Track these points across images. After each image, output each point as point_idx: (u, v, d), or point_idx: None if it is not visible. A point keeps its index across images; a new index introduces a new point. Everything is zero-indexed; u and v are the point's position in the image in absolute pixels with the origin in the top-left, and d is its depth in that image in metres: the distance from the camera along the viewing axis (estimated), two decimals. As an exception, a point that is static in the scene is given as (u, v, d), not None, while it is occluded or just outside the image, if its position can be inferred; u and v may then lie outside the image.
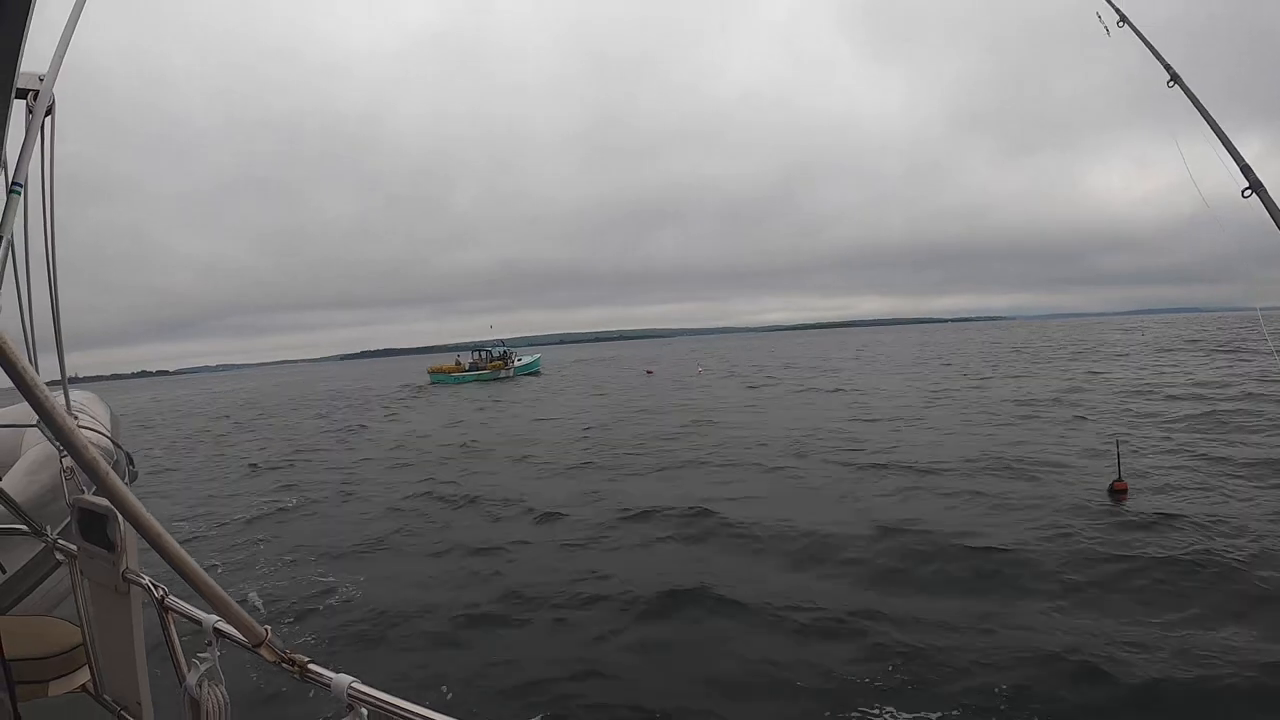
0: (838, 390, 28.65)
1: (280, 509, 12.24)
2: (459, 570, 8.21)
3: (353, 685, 1.40)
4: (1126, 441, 11.46)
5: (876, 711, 4.81)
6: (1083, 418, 16.66)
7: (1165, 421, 15.54)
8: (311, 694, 1.73)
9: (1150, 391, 21.24)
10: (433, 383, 54.74)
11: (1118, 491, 9.54)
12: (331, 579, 8.05)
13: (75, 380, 2.90)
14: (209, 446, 23.46)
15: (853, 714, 4.80)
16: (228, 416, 37.45)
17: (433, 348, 67.32)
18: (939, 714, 4.72)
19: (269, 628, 1.55)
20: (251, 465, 17.89)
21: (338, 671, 1.46)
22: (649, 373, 52.82)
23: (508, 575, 7.88)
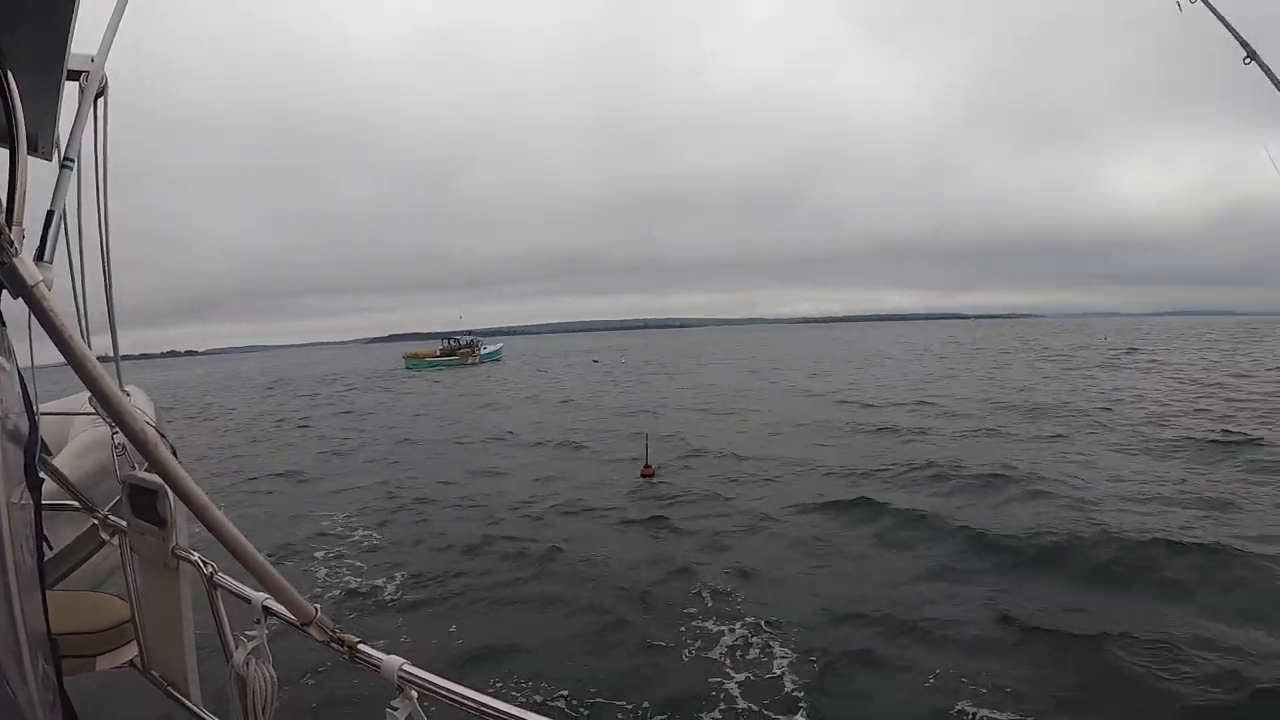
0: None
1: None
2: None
3: (403, 667, 1.41)
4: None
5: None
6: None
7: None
8: (361, 674, 1.35)
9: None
10: (407, 368, 60.52)
11: (645, 475, 12.57)
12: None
13: (109, 359, 2.64)
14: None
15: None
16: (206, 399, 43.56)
17: (455, 331, 73.19)
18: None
19: (318, 606, 1.57)
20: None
21: (388, 653, 1.47)
22: (595, 362, 58.54)
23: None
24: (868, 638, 5.96)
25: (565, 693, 5.27)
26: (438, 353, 63.53)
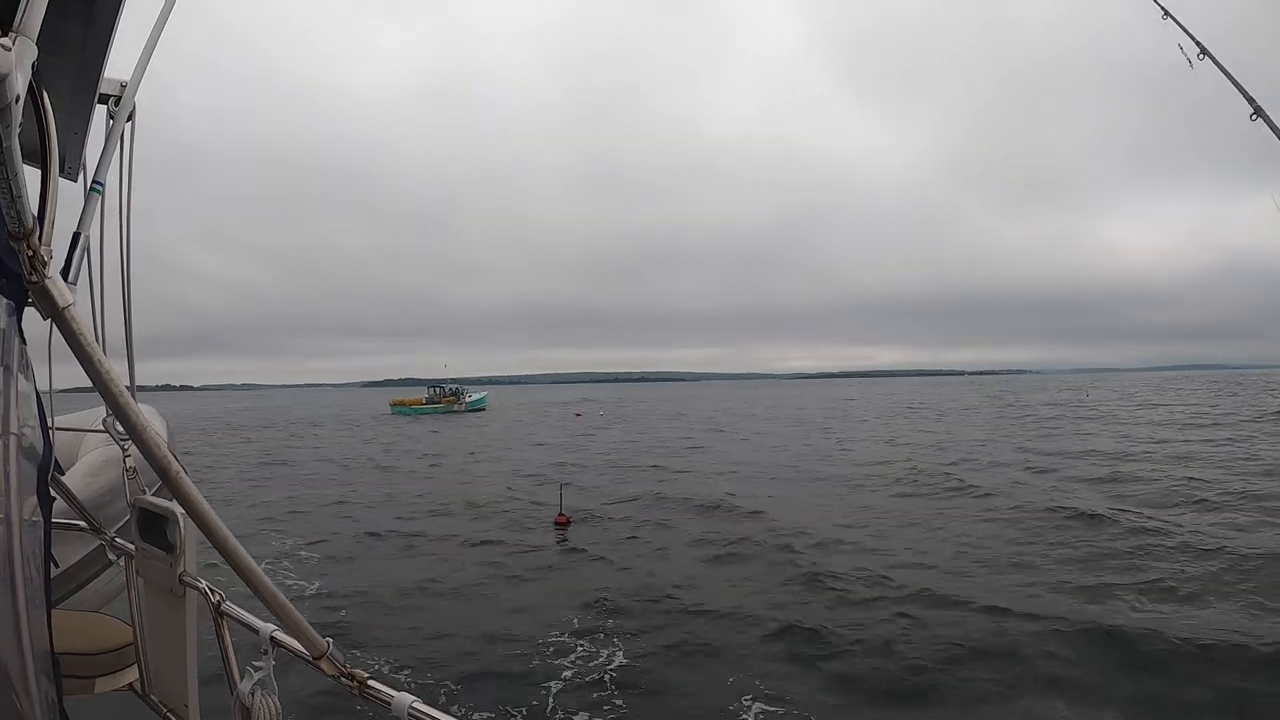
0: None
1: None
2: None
3: (414, 705, 1.41)
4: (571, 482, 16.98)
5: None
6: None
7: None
8: (369, 710, 1.80)
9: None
10: (392, 413, 62.23)
11: (560, 523, 13.24)
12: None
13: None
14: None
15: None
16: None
17: (441, 380, 74.08)
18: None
19: (330, 640, 1.56)
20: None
21: (398, 690, 1.47)
22: (577, 415, 59.70)
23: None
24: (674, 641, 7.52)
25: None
26: (423, 400, 65.52)
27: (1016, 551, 10.74)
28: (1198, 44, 3.97)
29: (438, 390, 67.25)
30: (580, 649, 7.35)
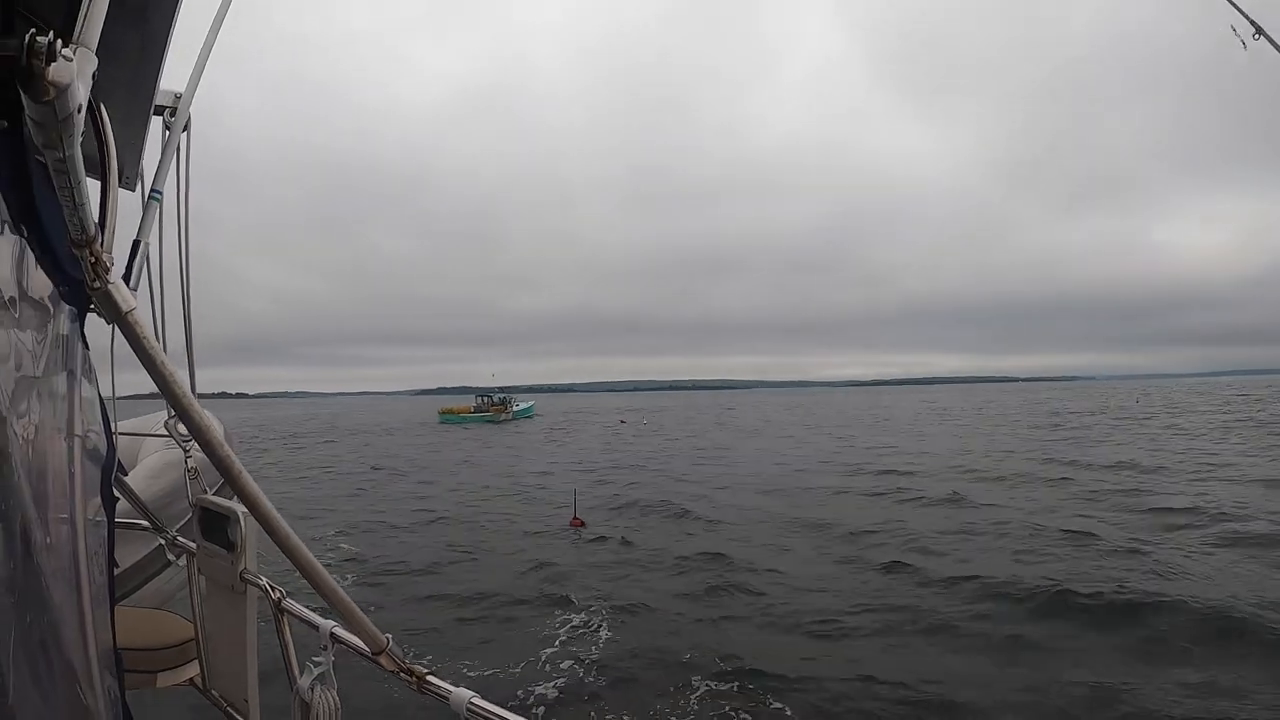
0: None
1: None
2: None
3: (472, 700, 1.43)
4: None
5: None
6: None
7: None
8: (428, 706, 1.55)
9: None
10: (440, 422, 62.27)
11: (574, 525, 13.82)
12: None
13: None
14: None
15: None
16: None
17: (490, 388, 74.99)
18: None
19: (390, 636, 1.57)
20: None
21: (457, 685, 1.49)
22: (622, 422, 59.45)
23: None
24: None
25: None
26: (471, 409, 65.86)
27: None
28: (1251, 22, 3.71)
29: (485, 399, 67.70)
30: (581, 633, 8.13)
